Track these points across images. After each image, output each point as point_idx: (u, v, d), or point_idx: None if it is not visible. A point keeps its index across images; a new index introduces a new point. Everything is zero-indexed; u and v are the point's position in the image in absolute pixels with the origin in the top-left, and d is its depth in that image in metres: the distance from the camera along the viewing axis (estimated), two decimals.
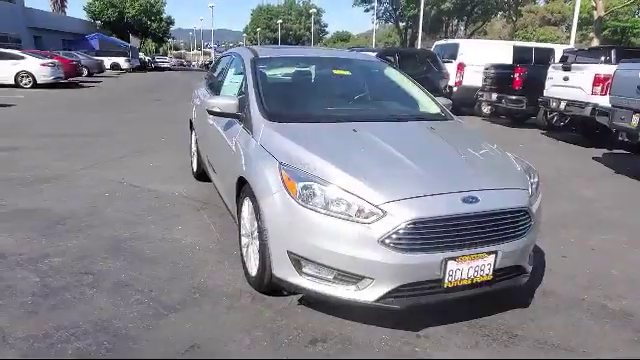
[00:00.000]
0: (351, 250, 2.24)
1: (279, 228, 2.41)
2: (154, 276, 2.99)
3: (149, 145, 7.31)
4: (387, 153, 2.61)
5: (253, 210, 2.71)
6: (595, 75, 7.98)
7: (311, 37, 66.63)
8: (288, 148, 2.62)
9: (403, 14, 38.26)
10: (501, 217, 2.36)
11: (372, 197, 2.23)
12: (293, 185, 2.37)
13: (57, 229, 3.72)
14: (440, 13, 33.13)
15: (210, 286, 2.90)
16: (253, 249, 2.79)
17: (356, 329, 2.48)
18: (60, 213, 4.08)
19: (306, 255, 2.34)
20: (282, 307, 2.67)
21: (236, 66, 3.95)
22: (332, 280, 2.32)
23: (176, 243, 3.54)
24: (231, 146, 3.20)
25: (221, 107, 3.19)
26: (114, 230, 3.73)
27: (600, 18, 20.99)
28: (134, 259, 3.23)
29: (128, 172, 5.54)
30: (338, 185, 2.30)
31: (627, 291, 3.05)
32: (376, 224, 2.20)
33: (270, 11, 79.01)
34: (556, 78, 9.13)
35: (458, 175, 2.50)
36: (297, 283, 2.41)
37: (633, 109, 5.94)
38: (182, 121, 10.31)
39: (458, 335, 2.47)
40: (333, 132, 2.90)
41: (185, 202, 4.52)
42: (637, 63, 6.19)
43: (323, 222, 2.28)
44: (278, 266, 2.46)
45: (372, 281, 2.25)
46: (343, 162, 2.44)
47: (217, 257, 3.31)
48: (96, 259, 3.20)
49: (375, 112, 3.47)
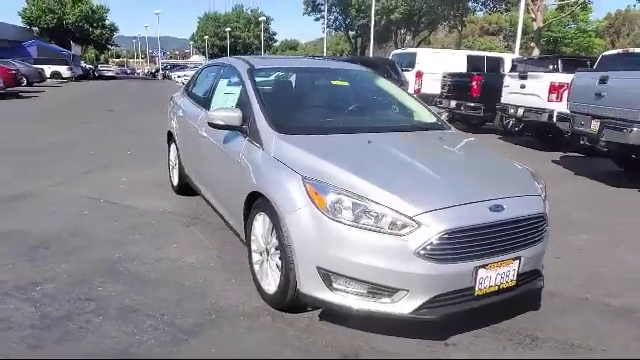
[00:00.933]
0: (385, 263, 2.23)
1: (307, 243, 2.35)
2: (161, 299, 2.83)
3: (115, 159, 6.96)
4: (408, 164, 2.63)
5: (271, 225, 2.63)
6: (551, 83, 8.46)
7: (260, 45, 66.36)
8: (308, 161, 2.58)
9: (353, 23, 39.04)
10: (523, 224, 2.43)
11: (405, 209, 2.23)
12: (322, 199, 2.33)
13: (40, 253, 3.45)
14: (389, 23, 34.07)
15: (224, 306, 2.78)
16: (270, 265, 2.71)
17: (385, 342, 2.46)
18: (39, 235, 3.79)
19: (337, 270, 2.30)
20: (304, 324, 2.61)
21: (228, 77, 3.85)
22: (365, 294, 2.30)
23: (174, 262, 3.38)
24: (235, 159, 3.10)
25: (224, 120, 3.09)
26: (104, 251, 3.51)
27: (539, 29, 22.41)
28: (134, 282, 3.05)
29: (101, 188, 5.24)
30: (369, 198, 2.28)
31: (622, 288, 3.23)
32: (411, 236, 2.20)
33: (218, 19, 77.92)
34: (513, 86, 9.60)
35: (479, 184, 2.55)
36: (327, 299, 2.36)
37: (592, 115, 6.35)
38: (144, 132, 10.05)
39: (484, 341, 2.51)
40: (349, 144, 2.88)
41: (171, 218, 4.34)
42: (593, 72, 6.63)
43: (355, 236, 2.25)
44: (306, 282, 2.40)
45: (407, 293, 2.25)
46: (369, 174, 2.42)
47: (222, 275, 3.19)
48: (93, 284, 2.99)
49: (382, 122, 3.49)
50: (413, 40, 39.16)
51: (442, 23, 34.90)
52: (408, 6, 31.67)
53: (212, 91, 4.00)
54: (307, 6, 41.31)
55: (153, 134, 9.54)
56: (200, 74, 4.77)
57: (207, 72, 4.64)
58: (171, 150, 5.14)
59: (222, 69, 4.02)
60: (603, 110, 6.08)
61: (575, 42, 44.39)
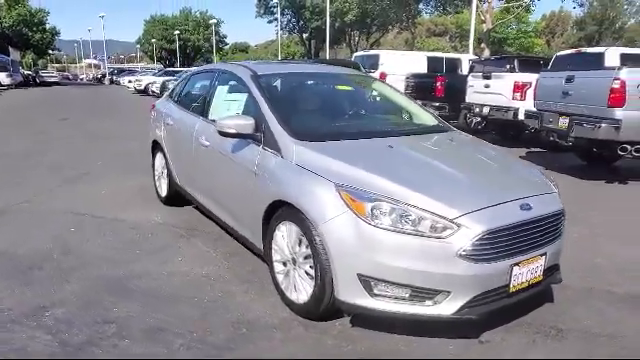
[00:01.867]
0: (427, 266, 2.26)
1: (346, 251, 2.34)
2: (184, 316, 2.73)
3: (87, 169, 6.62)
4: (435, 167, 2.67)
5: (299, 234, 2.60)
6: (515, 82, 8.85)
7: (212, 48, 65.19)
8: (335, 167, 2.56)
9: (306, 25, 39.12)
10: (548, 221, 2.54)
11: (445, 212, 2.27)
12: (361, 205, 2.32)
13: (35, 275, 3.23)
14: (343, 25, 34.45)
15: (251, 319, 2.71)
16: (299, 274, 2.67)
17: (423, 343, 2.49)
18: (27, 256, 3.55)
19: (378, 275, 2.30)
20: (337, 332, 2.59)
21: (227, 84, 3.76)
22: (407, 298, 2.31)
23: (186, 277, 3.26)
24: (249, 168, 3.03)
25: (237, 128, 3.02)
26: (105, 269, 3.33)
27: (489, 30, 23.42)
28: (149, 299, 2.91)
29: (81, 202, 4.97)
30: (408, 202, 2.30)
31: (620, 278, 3.42)
32: (452, 238, 2.24)
33: (165, 22, 75.73)
34: (477, 86, 9.96)
35: (505, 184, 2.64)
36: (367, 305, 2.36)
37: (559, 112, 6.70)
38: (109, 141, 9.61)
39: (515, 336, 2.59)
40: (371, 149, 2.89)
41: (167, 230, 4.18)
42: (558, 72, 7.00)
43: (396, 241, 2.27)
44: (344, 289, 2.38)
45: (449, 294, 2.28)
46: (403, 179, 2.44)
47: (239, 287, 3.10)
48: (106, 305, 2.83)
49: (393, 126, 3.52)
50: (367, 42, 39.86)
51: (394, 25, 35.79)
52: (361, 9, 32.18)
53: (208, 99, 3.89)
54: (260, 8, 41.12)
55: (120, 143, 9.20)
56: (189, 82, 4.62)
57: (197, 79, 4.51)
58: (157, 160, 4.96)
59: (218, 76, 3.92)
60: (571, 108, 6.44)
61: (517, 42, 46.64)
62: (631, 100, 5.59)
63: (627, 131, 5.68)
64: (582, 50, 10.14)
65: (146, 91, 26.58)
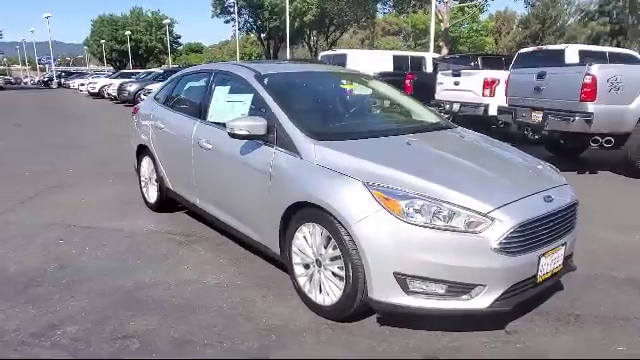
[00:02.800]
0: (463, 260, 2.28)
1: (382, 250, 2.33)
2: (208, 325, 2.63)
3: (59, 178, 6.28)
4: (457, 163, 2.71)
5: (325, 236, 2.57)
6: (484, 79, 9.13)
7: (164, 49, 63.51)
8: (361, 166, 2.55)
9: (264, 25, 38.79)
10: (567, 211, 2.63)
11: (478, 207, 2.31)
12: (395, 203, 2.32)
13: (35, 292, 3.03)
14: (302, 25, 34.41)
15: (277, 324, 2.65)
16: (325, 276, 2.64)
17: (453, 338, 2.51)
18: (21, 272, 3.32)
19: (415, 273, 2.31)
20: (368, 331, 2.58)
21: (227, 85, 3.66)
22: (443, 294, 2.33)
23: (197, 285, 3.15)
24: (263, 170, 2.96)
25: (249, 129, 2.94)
26: (111, 282, 3.17)
27: (447, 29, 24.10)
28: (166, 311, 2.79)
29: (63, 212, 4.71)
30: (441, 199, 2.32)
31: (617, 262, 3.59)
32: (486, 232, 2.28)
33: (115, 22, 73.04)
34: (447, 83, 10.21)
35: (526, 177, 2.71)
36: (403, 303, 2.36)
37: (532, 107, 6.98)
38: (73, 147, 9.13)
39: (537, 325, 2.66)
40: (392, 147, 2.89)
41: (164, 238, 4.03)
42: (529, 68, 7.29)
43: (432, 237, 2.28)
44: (379, 289, 2.37)
45: (484, 288, 2.32)
46: (431, 176, 2.46)
47: (255, 293, 3.03)
48: (121, 319, 2.69)
49: (404, 124, 3.53)
50: (326, 42, 40.05)
51: (352, 25, 36.14)
52: (320, 8, 32.26)
53: (206, 100, 3.77)
54: (216, 8, 40.36)
55: (87, 149, 8.81)
56: (178, 83, 4.46)
57: (189, 81, 4.37)
58: (143, 165, 4.76)
59: (215, 77, 3.80)
60: (543, 102, 6.71)
61: (469, 41, 48.18)
62: (602, 94, 5.90)
63: (598, 124, 5.98)
64: (543, 47, 10.60)
65: (101, 94, 25.56)
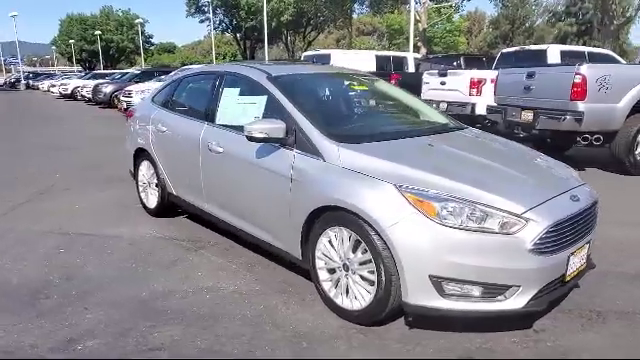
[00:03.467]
0: (498, 262, 2.28)
1: (417, 252, 2.31)
2: (235, 334, 2.56)
3: (47, 183, 6.04)
4: (483, 164, 2.71)
5: (355, 239, 2.53)
6: (471, 79, 9.26)
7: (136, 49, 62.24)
8: (389, 169, 2.52)
9: (240, 25, 38.40)
10: (591, 210, 2.67)
11: (512, 208, 2.31)
12: (429, 206, 2.30)
13: (45, 305, 2.89)
14: (279, 25, 34.25)
15: (306, 331, 2.60)
16: (354, 280, 2.60)
17: (486, 339, 2.51)
18: (24, 284, 3.17)
19: (450, 275, 2.30)
20: (399, 335, 2.56)
21: (237, 87, 3.57)
22: (478, 295, 2.33)
23: (215, 292, 3.06)
24: (282, 174, 2.89)
25: (269, 132, 2.88)
26: (124, 292, 3.05)
27: (424, 30, 24.41)
28: (189, 320, 2.71)
29: (58, 219, 4.53)
30: (474, 201, 2.31)
31: (622, 257, 3.67)
32: (521, 233, 2.28)
33: (84, 21, 71.09)
34: (433, 83, 10.30)
35: (551, 177, 2.74)
36: (438, 305, 2.34)
37: (522, 106, 7.11)
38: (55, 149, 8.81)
39: (563, 323, 2.69)
40: (415, 148, 2.88)
41: (170, 244, 3.91)
42: (518, 68, 7.42)
43: (467, 239, 2.28)
44: (414, 292, 2.35)
45: (519, 288, 2.32)
46: (460, 177, 2.46)
47: (277, 299, 2.96)
48: (143, 330, 2.59)
49: (420, 125, 3.51)
50: (303, 41, 39.98)
51: (329, 25, 36.20)
52: (297, 8, 32.17)
53: (213, 102, 3.67)
54: (190, 7, 39.70)
55: (70, 153, 8.54)
56: (179, 85, 4.34)
57: (192, 83, 4.26)
58: (142, 169, 4.62)
59: (222, 78, 3.71)
60: (534, 102, 6.84)
61: (443, 41, 48.99)
62: (591, 94, 6.04)
63: (588, 122, 6.13)
64: (525, 47, 10.84)
65: (74, 96, 24.81)
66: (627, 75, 6.22)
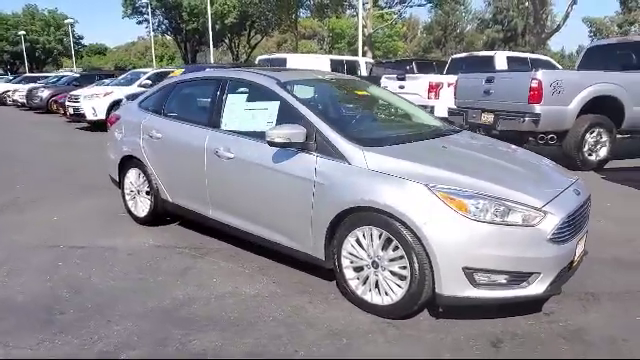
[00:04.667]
0: (522, 251, 2.51)
1: (451, 247, 2.49)
2: (273, 336, 2.61)
3: (11, 196, 5.65)
4: (496, 164, 2.96)
5: (384, 238, 2.67)
6: (429, 83, 9.72)
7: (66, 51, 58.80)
8: (415, 169, 2.69)
9: (181, 27, 37.40)
10: (588, 202, 2.98)
11: (532, 202, 2.55)
12: (461, 203, 2.49)
13: (64, 320, 2.78)
14: (224, 27, 33.73)
15: (341, 328, 2.70)
16: (384, 276, 2.74)
17: (507, 323, 2.73)
18: (33, 301, 3.02)
19: (481, 266, 2.50)
20: (428, 326, 2.72)
21: (247, 93, 3.60)
22: (505, 283, 2.54)
23: (237, 297, 3.08)
24: (305, 177, 2.97)
25: (290, 137, 2.96)
26: (143, 302, 3.00)
27: (370, 35, 25.09)
28: (222, 326, 2.72)
29: (40, 232, 4.31)
30: (499, 197, 2.53)
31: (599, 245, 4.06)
32: (541, 225, 2.53)
33: (5, 21, 66.06)
34: (392, 87, 10.66)
35: (552, 174, 3.02)
36: (471, 295, 2.53)
37: (482, 109, 7.59)
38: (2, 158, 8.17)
39: (567, 305, 2.96)
40: (432, 150, 3.06)
41: (173, 252, 3.85)
42: (477, 73, 7.91)
43: (495, 232, 2.49)
44: (449, 284, 2.53)
45: (539, 275, 2.56)
46: (480, 175, 2.67)
47: (301, 300, 3.04)
48: (180, 338, 2.58)
49: (424, 129, 3.69)
50: (248, 45, 39.68)
51: (273, 28, 36.21)
52: (240, 11, 31.87)
53: (218, 108, 3.67)
54: (127, 8, 38.09)
55: (19, 161, 8.00)
56: (173, 91, 4.25)
57: (190, 88, 4.21)
58: (130, 177, 4.49)
59: (225, 84, 3.70)
60: (493, 105, 7.33)
61: (384, 45, 50.39)
62: (547, 97, 6.59)
63: (544, 123, 6.68)
64: (474, 53, 11.52)
65: (2, 101, 23.08)
66: (575, 80, 6.84)
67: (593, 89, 6.83)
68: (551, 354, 2.47)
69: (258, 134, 3.32)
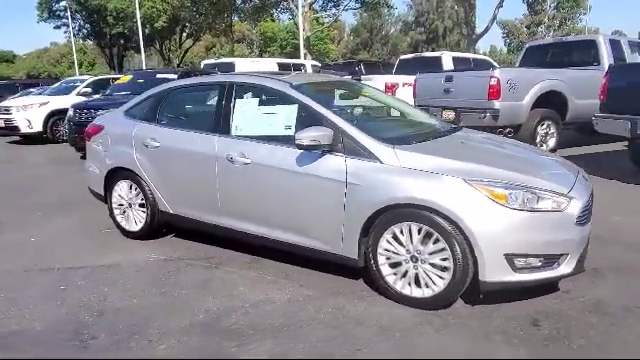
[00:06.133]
0: (554, 235, 2.72)
1: (495, 236, 2.64)
2: (327, 338, 2.63)
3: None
4: (512, 156, 3.18)
5: (425, 231, 2.77)
6: (385, 84, 10.02)
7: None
8: (447, 165, 2.81)
9: (104, 32, 35.32)
10: (593, 187, 3.27)
11: (559, 189, 2.77)
12: (500, 194, 2.65)
13: (100, 345, 2.61)
14: (153, 31, 32.39)
15: (388, 324, 2.76)
16: (424, 269, 2.84)
17: (537, 303, 2.93)
18: (54, 328, 2.80)
19: (520, 251, 2.67)
20: (468, 313, 2.86)
21: (257, 97, 3.55)
22: (540, 266, 2.74)
23: (273, 304, 3.03)
24: (334, 178, 3.00)
25: (320, 139, 2.98)
26: (176, 318, 2.87)
27: (308, 38, 25.28)
28: (271, 333, 2.68)
29: (24, 254, 3.97)
30: (532, 186, 2.72)
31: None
32: (568, 210, 2.75)
33: None
34: None
35: (561, 164, 3.28)
36: (512, 279, 2.70)
37: (442, 107, 7.98)
38: None
39: (577, 282, 3.19)
40: (454, 146, 3.21)
41: (184, 265, 3.70)
42: (436, 74, 8.30)
43: (530, 219, 2.68)
44: (492, 271, 2.67)
45: (568, 256, 2.79)
46: (509, 168, 2.86)
47: (337, 300, 3.05)
48: (233, 350, 2.52)
49: (433, 127, 3.78)
50: (179, 49, 38.44)
51: (205, 32, 35.41)
52: (170, 15, 30.80)
53: (226, 113, 3.58)
54: (42, 12, 35.29)
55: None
56: (167, 98, 4.06)
57: (187, 94, 4.06)
58: (119, 190, 4.24)
59: (232, 89, 3.61)
60: (453, 102, 7.74)
61: (316, 48, 51.06)
62: (504, 94, 7.08)
63: (503, 118, 7.17)
64: (421, 54, 12.04)
65: None
66: (527, 77, 7.40)
67: (542, 85, 7.44)
68: (586, 327, 2.68)
69: (277, 138, 3.31)
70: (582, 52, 8.70)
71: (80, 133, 8.56)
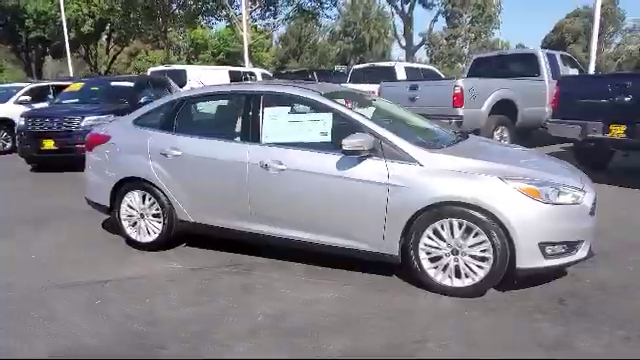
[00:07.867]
0: (575, 224, 3.14)
1: (530, 227, 2.98)
2: (390, 329, 2.82)
3: None
4: (526, 157, 3.56)
5: (465, 226, 3.07)
6: None
7: None
8: (480, 165, 3.15)
9: (19, 36, 32.59)
10: None
11: (576, 184, 3.20)
12: (534, 190, 3.01)
13: (172, 353, 2.60)
14: (80, 36, 30.41)
15: (441, 313, 3.02)
16: (465, 261, 3.12)
17: (553, 287, 3.32)
18: (114, 341, 2.74)
19: (550, 240, 3.04)
20: (500, 299, 3.17)
21: (287, 106, 3.65)
22: (563, 252, 3.12)
23: (324, 304, 3.16)
24: (377, 181, 3.20)
25: (366, 145, 3.19)
26: (238, 323, 2.93)
27: (250, 46, 25.13)
28: (336, 328, 2.84)
29: (35, 270, 3.75)
30: (557, 182, 3.12)
31: None
32: (584, 201, 3.18)
33: None
34: None
35: (560, 163, 3.73)
36: (543, 265, 3.07)
37: None
38: None
39: (579, 267, 3.59)
40: (480, 149, 3.54)
41: (214, 272, 3.70)
42: (400, 82, 8.78)
43: (557, 211, 3.07)
44: (526, 258, 3.02)
45: (583, 242, 3.21)
46: (531, 167, 3.26)
47: (382, 296, 3.25)
48: (313, 348, 2.64)
49: (445, 132, 4.09)
50: (107, 54, 36.43)
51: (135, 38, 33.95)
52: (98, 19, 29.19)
53: (255, 122, 3.65)
54: None
55: None
56: (184, 107, 4.02)
57: (208, 103, 4.07)
58: (129, 201, 4.12)
59: (260, 98, 3.69)
60: (419, 110, 8.18)
61: (252, 56, 50.85)
62: (467, 101, 7.69)
63: (466, 123, 7.77)
64: (375, 64, 12.57)
65: None
66: (484, 86, 8.09)
67: (497, 94, 8.16)
68: (604, 305, 3.09)
69: (312, 145, 3.47)
70: (524, 64, 9.63)
71: (33, 143, 8.09)
